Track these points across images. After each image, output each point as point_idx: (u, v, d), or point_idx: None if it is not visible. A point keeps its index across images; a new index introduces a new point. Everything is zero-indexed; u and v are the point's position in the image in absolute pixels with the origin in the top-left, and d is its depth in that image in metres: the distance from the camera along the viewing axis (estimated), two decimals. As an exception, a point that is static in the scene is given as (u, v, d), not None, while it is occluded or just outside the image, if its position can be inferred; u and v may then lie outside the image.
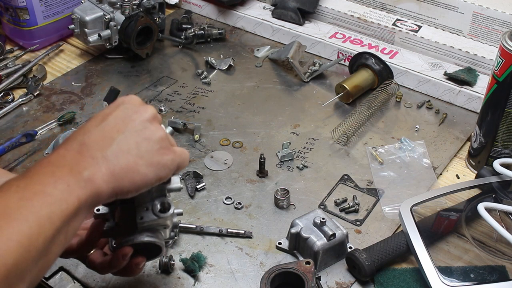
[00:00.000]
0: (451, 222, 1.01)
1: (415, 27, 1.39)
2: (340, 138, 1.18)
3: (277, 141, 1.18)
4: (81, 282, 0.92)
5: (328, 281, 0.92)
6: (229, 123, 1.24)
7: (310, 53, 1.45)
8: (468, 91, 1.25)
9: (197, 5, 1.61)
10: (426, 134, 1.20)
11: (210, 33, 1.49)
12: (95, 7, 1.37)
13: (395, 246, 0.93)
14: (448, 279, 0.87)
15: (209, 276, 0.93)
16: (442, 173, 1.12)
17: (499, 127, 1.04)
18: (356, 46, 1.40)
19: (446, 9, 1.36)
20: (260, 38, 1.52)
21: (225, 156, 1.15)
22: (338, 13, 1.47)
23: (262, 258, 0.96)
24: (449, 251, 0.95)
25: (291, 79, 1.38)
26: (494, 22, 1.30)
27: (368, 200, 1.06)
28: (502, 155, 1.07)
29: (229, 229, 0.99)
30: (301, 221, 0.94)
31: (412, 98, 1.30)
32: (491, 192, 1.00)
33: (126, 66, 1.42)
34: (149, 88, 1.34)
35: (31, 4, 1.39)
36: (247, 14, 1.54)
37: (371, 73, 1.29)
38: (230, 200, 1.06)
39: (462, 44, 1.33)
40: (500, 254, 0.93)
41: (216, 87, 1.35)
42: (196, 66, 1.42)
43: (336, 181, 1.10)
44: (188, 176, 1.09)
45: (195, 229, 0.99)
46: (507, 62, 0.97)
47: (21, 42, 1.47)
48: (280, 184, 1.09)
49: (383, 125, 1.23)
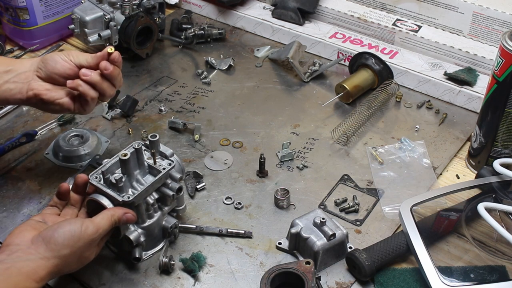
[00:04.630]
0: (451, 222, 1.01)
1: (415, 27, 1.39)
2: (340, 138, 1.18)
3: (277, 141, 1.18)
4: (81, 282, 0.92)
5: (328, 281, 0.92)
6: (229, 123, 1.24)
7: (310, 53, 1.45)
8: (468, 91, 1.25)
9: (197, 5, 1.61)
10: (426, 134, 1.20)
11: (210, 33, 1.49)
12: (95, 7, 1.37)
13: (395, 246, 0.93)
14: (448, 279, 0.87)
15: (209, 276, 0.93)
16: (442, 173, 1.12)
17: (499, 127, 1.04)
18: (356, 46, 1.40)
19: (446, 9, 1.36)
20: (260, 38, 1.52)
21: (225, 156, 1.15)
22: (338, 13, 1.46)
23: (262, 258, 0.96)
24: (449, 251, 0.95)
25: (291, 79, 1.37)
26: (494, 22, 1.30)
27: (368, 200, 1.06)
28: (502, 155, 1.07)
29: (229, 229, 0.99)
30: (301, 221, 0.94)
31: (412, 98, 1.30)
32: (491, 192, 1.00)
33: (126, 66, 1.42)
34: (149, 88, 1.34)
35: (31, 4, 1.39)
36: (247, 14, 1.53)
37: (371, 73, 1.29)
38: (230, 200, 1.06)
39: (462, 44, 1.33)
40: (500, 254, 0.93)
41: (216, 87, 1.35)
42: (196, 66, 1.42)
43: (336, 181, 1.10)
44: (188, 176, 1.09)
45: (195, 229, 0.99)
46: (507, 62, 0.97)
47: (21, 42, 1.47)
48: (280, 184, 1.09)
49: (383, 125, 1.23)
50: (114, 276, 0.92)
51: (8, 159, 1.14)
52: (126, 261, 0.94)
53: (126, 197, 0.87)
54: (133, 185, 0.90)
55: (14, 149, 1.16)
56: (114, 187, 0.88)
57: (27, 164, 1.13)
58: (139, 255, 0.91)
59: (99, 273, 0.93)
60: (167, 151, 0.94)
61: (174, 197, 0.92)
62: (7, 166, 1.13)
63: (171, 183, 0.92)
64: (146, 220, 0.92)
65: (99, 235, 0.83)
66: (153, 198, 0.91)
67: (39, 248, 0.79)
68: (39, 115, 1.26)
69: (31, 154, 1.16)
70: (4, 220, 1.02)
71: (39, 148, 1.17)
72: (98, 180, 0.89)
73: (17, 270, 0.76)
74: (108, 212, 0.85)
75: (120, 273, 0.93)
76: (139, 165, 0.90)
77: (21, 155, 1.15)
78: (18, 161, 1.14)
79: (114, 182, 0.87)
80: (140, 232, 0.91)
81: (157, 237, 0.95)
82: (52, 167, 1.13)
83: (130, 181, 0.89)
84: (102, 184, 0.88)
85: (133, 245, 0.90)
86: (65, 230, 0.80)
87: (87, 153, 1.13)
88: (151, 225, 0.92)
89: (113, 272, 0.93)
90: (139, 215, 0.90)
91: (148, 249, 0.95)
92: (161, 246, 0.96)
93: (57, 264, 0.79)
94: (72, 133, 1.16)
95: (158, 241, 0.96)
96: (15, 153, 1.16)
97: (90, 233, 0.82)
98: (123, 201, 0.86)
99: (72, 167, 1.12)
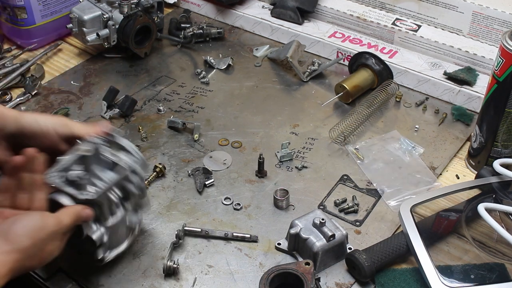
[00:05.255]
0: (451, 222, 1.00)
1: (414, 26, 1.39)
2: (337, 138, 1.17)
3: (276, 141, 1.18)
4: (80, 282, 0.92)
5: (328, 282, 0.92)
6: (228, 123, 1.23)
7: (309, 53, 1.44)
8: (468, 90, 1.25)
9: (196, 4, 1.61)
10: (426, 134, 1.20)
11: (209, 32, 1.48)
12: (93, 6, 1.37)
13: (395, 247, 0.93)
14: (448, 279, 0.87)
15: (208, 277, 0.92)
16: (442, 173, 1.12)
17: (499, 127, 1.04)
18: (355, 45, 1.40)
19: (445, 9, 1.36)
20: (259, 37, 1.51)
21: (224, 156, 1.15)
22: (338, 12, 1.46)
23: (261, 258, 0.95)
24: (449, 251, 0.95)
25: (290, 78, 1.37)
26: (494, 21, 1.30)
27: (367, 201, 1.05)
28: (502, 155, 1.07)
29: (234, 233, 0.98)
30: (301, 222, 0.94)
31: (412, 98, 1.30)
32: (491, 193, 1.00)
33: (124, 66, 1.41)
34: (147, 87, 1.34)
35: (29, 3, 1.39)
36: (246, 13, 1.53)
37: (371, 73, 1.29)
38: (229, 200, 1.05)
39: (462, 44, 1.32)
40: (500, 255, 0.93)
41: (215, 87, 1.34)
42: (195, 65, 1.42)
43: (335, 181, 1.09)
44: (198, 172, 1.08)
45: (201, 233, 0.98)
46: (507, 62, 0.97)
47: (19, 41, 1.46)
48: (279, 184, 1.08)
49: (383, 125, 1.23)
50: (112, 277, 0.92)
51: (6, 159, 1.14)
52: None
53: (90, 196, 0.82)
54: (94, 182, 0.85)
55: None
56: (74, 185, 0.83)
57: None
58: (102, 255, 0.87)
59: (97, 274, 0.92)
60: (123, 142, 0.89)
61: (140, 196, 0.88)
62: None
63: (133, 177, 0.87)
64: (109, 218, 0.86)
65: (60, 228, 0.78)
66: (116, 195, 0.86)
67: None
68: (37, 114, 1.25)
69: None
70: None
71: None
72: (56, 178, 0.82)
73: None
74: (70, 209, 0.81)
75: (118, 274, 0.93)
76: (98, 161, 0.86)
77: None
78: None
79: (74, 180, 0.82)
80: (103, 231, 0.85)
81: (121, 236, 0.90)
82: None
83: (90, 178, 0.85)
84: (61, 183, 0.82)
85: (96, 245, 0.85)
86: (25, 221, 0.75)
87: None
88: (114, 224, 0.86)
89: (112, 273, 0.93)
90: (101, 214, 0.85)
91: (111, 249, 0.89)
92: (125, 245, 0.91)
93: (18, 258, 0.73)
94: None
95: (122, 240, 0.90)
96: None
97: (52, 224, 0.77)
98: (86, 200, 0.81)
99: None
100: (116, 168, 0.86)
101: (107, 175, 0.86)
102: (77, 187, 0.83)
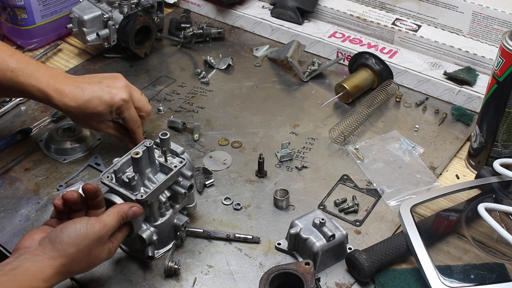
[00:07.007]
0: (451, 222, 1.00)
1: (414, 26, 1.39)
2: (337, 138, 1.17)
3: (276, 141, 1.18)
4: (79, 283, 0.92)
5: (328, 282, 0.92)
6: (228, 123, 1.23)
7: (309, 53, 1.44)
8: (468, 90, 1.25)
9: (196, 4, 1.61)
10: (426, 134, 1.20)
11: (209, 32, 1.48)
12: (93, 6, 1.37)
13: (395, 247, 0.93)
14: (448, 279, 0.87)
15: (208, 277, 0.92)
16: (442, 173, 1.12)
17: (499, 127, 1.04)
18: (355, 45, 1.40)
19: (445, 9, 1.36)
20: (259, 37, 1.51)
21: (224, 156, 1.15)
22: (338, 12, 1.46)
23: (261, 258, 0.95)
24: (449, 251, 0.95)
25: (290, 78, 1.37)
26: (494, 21, 1.30)
27: (367, 201, 1.05)
28: (502, 155, 1.07)
29: (236, 234, 0.98)
30: (301, 222, 0.94)
31: (412, 98, 1.30)
32: (491, 193, 1.00)
33: (124, 66, 1.41)
34: (147, 87, 1.34)
35: (29, 3, 1.39)
36: (246, 13, 1.53)
37: (371, 73, 1.29)
38: (229, 200, 1.05)
39: (462, 44, 1.32)
40: (500, 255, 0.93)
41: (215, 87, 1.34)
42: (195, 65, 1.42)
43: (335, 181, 1.09)
44: (198, 172, 1.08)
45: (203, 234, 0.98)
46: (507, 62, 0.97)
47: (19, 41, 1.46)
48: (279, 184, 1.08)
49: (383, 125, 1.23)
50: (112, 277, 0.92)
51: (6, 159, 1.14)
52: (139, 260, 0.95)
53: (139, 196, 0.87)
54: (145, 184, 0.90)
55: (10, 146, 1.16)
56: (127, 186, 0.88)
57: (24, 164, 1.13)
58: (151, 253, 0.91)
59: (97, 274, 0.92)
60: (178, 149, 0.95)
61: (185, 194, 0.92)
62: (5, 166, 1.12)
63: (182, 180, 0.93)
64: (158, 219, 0.92)
65: (106, 232, 0.83)
66: (165, 196, 0.91)
67: (46, 248, 0.80)
68: (37, 114, 1.25)
69: (29, 154, 1.15)
70: (2, 220, 1.01)
71: (37, 148, 1.17)
72: (109, 179, 0.89)
73: (23, 270, 0.77)
74: (114, 209, 0.85)
75: (119, 274, 0.93)
76: (150, 163, 0.91)
77: (19, 155, 1.15)
78: (16, 161, 1.14)
79: (127, 181, 0.87)
80: (153, 231, 0.91)
81: (168, 235, 0.95)
82: (50, 167, 1.12)
83: (142, 179, 0.90)
84: (114, 183, 0.88)
85: (146, 244, 0.91)
86: (70, 229, 0.81)
87: (73, 148, 1.14)
88: (163, 223, 0.92)
89: (112, 273, 0.93)
90: (151, 213, 0.91)
91: (159, 248, 0.95)
92: (171, 244, 0.96)
93: (64, 263, 0.79)
94: (66, 125, 1.18)
95: (169, 240, 0.96)
96: (12, 153, 1.15)
97: (96, 231, 0.82)
98: (136, 200, 0.86)
99: (57, 159, 1.14)
100: (165, 170, 0.91)
101: (157, 177, 0.91)
102: (130, 188, 0.88)
